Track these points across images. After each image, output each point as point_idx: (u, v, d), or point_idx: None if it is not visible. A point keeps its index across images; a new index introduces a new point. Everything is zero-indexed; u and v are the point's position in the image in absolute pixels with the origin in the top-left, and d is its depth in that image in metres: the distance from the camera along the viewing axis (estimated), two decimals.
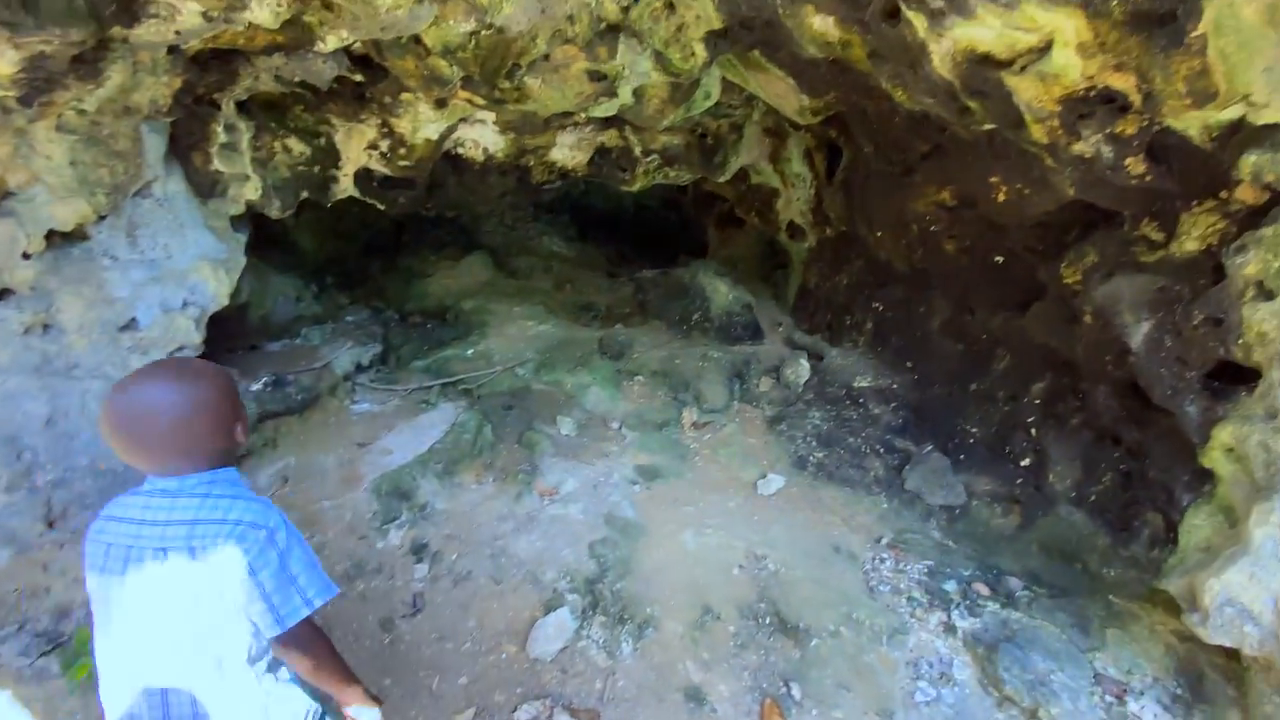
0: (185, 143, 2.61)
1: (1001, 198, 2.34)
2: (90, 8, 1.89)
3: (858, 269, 3.57)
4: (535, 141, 3.88)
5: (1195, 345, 1.56)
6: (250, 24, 2.19)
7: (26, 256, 2.25)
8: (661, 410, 3.42)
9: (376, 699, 1.15)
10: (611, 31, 2.75)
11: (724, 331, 4.13)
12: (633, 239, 7.18)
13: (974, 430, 2.66)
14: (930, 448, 2.63)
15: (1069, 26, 1.54)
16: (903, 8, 1.90)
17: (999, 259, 2.67)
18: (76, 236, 2.41)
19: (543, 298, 5.10)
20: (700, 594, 2.12)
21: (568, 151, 4.15)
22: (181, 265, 2.53)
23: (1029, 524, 2.28)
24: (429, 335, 4.42)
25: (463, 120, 3.52)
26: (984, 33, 1.78)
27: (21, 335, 2.20)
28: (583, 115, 3.59)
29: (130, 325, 2.38)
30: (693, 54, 2.75)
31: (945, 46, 1.93)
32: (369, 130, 3.26)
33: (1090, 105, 1.70)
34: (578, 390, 3.69)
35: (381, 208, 3.70)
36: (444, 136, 3.47)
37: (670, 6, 2.52)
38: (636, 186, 4.42)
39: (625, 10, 2.52)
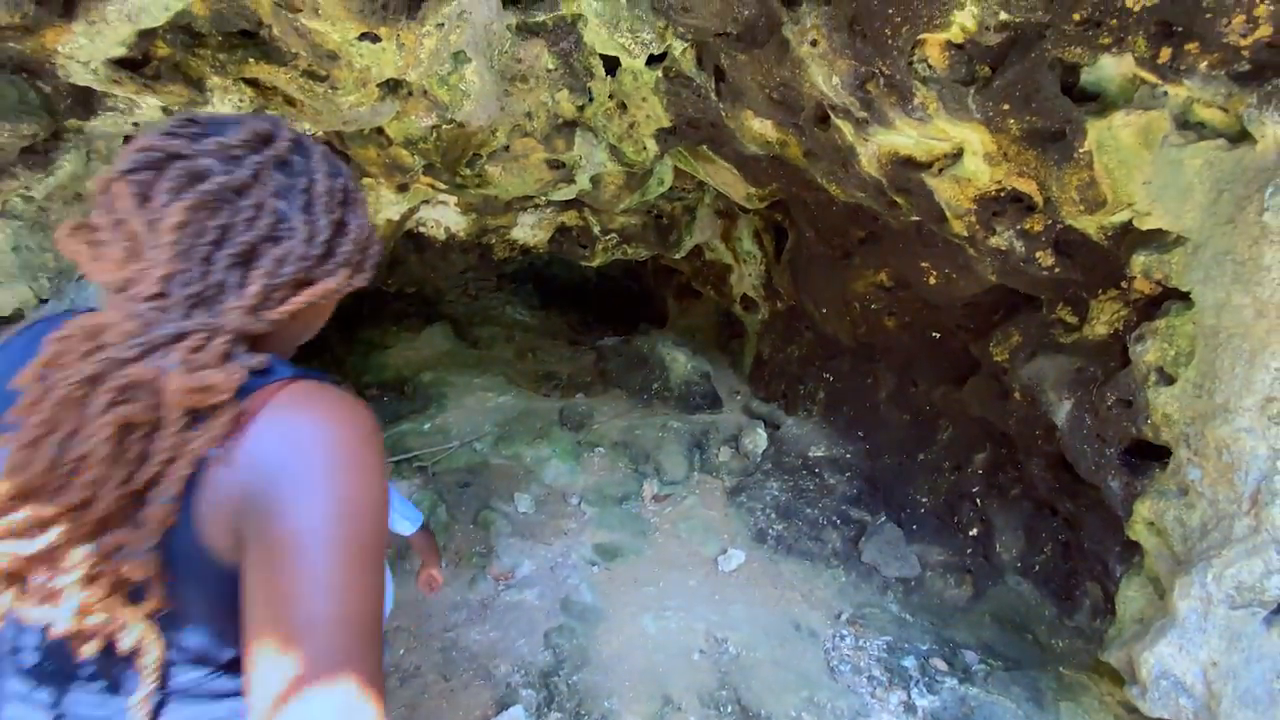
0: None
1: (932, 281, 2.50)
2: (44, 101, 1.92)
3: (808, 341, 3.71)
4: (497, 221, 4.00)
5: (1111, 424, 1.67)
6: None
7: None
8: (622, 483, 3.41)
9: None
10: (568, 126, 2.91)
11: (683, 400, 4.19)
12: (595, 307, 7.31)
13: (924, 500, 2.73)
14: (884, 518, 2.68)
15: (975, 139, 1.72)
16: (831, 115, 2.09)
17: (936, 335, 2.82)
18: (13, 319, 2.34)
19: (503, 367, 5.11)
20: (660, 683, 2.07)
21: (529, 230, 4.28)
22: None
23: (980, 594, 2.32)
24: (385, 409, 4.35)
25: (424, 202, 3.61)
26: (904, 140, 1.96)
27: None
28: (543, 198, 3.73)
29: None
30: (644, 148, 2.92)
31: (871, 150, 2.11)
32: None
33: (1001, 204, 1.88)
34: (537, 464, 3.66)
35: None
36: (405, 217, 3.54)
37: (622, 106, 2.69)
38: (596, 262, 4.55)
39: (580, 109, 2.68)
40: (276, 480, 0.57)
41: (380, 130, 2.71)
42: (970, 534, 2.51)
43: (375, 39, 1.97)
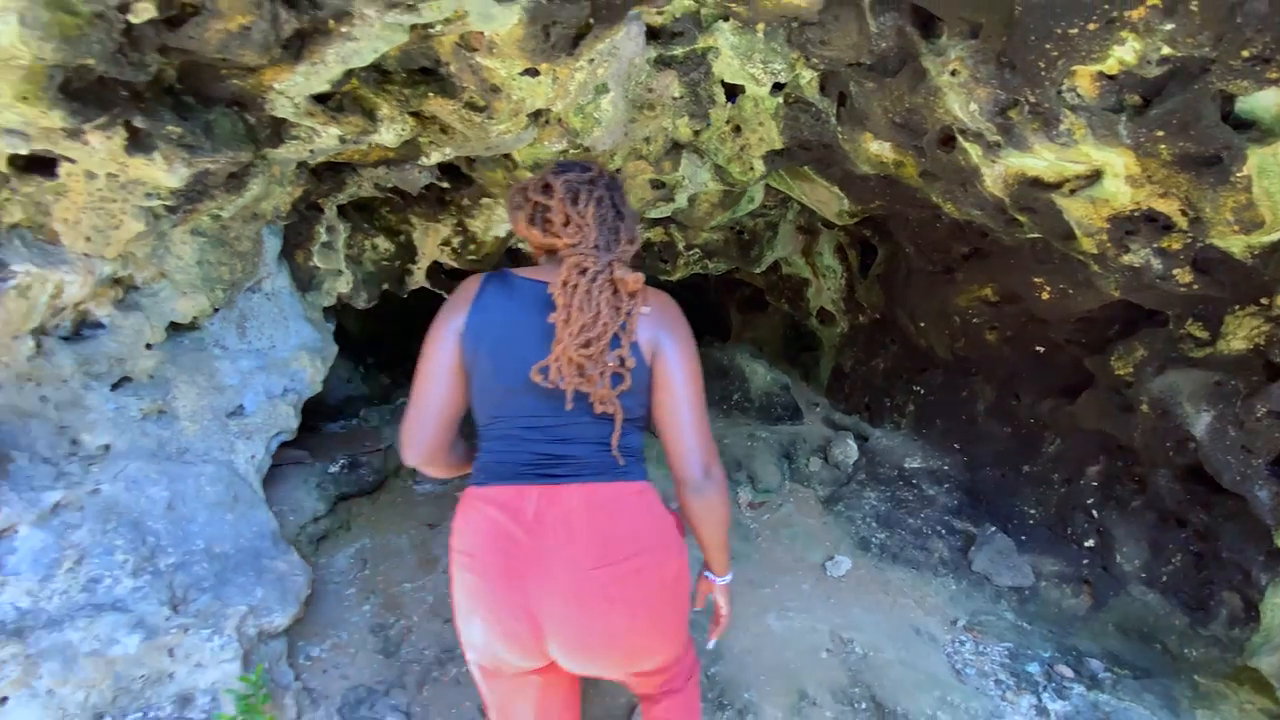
0: (292, 242, 2.84)
1: (1045, 296, 2.57)
2: (249, 132, 2.15)
3: (894, 354, 3.79)
4: None
5: (1260, 435, 1.73)
6: (372, 143, 2.47)
7: (149, 347, 2.41)
8: None
9: None
10: (677, 149, 3.07)
11: (764, 411, 4.29)
12: None
13: (1032, 512, 2.78)
14: (993, 529, 2.73)
15: (1119, 162, 1.81)
16: (959, 139, 2.20)
17: (1041, 349, 2.88)
18: (190, 327, 2.58)
19: None
20: (793, 678, 2.16)
21: None
22: (284, 355, 2.69)
23: (1101, 604, 2.36)
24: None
25: None
26: (1037, 162, 2.06)
27: (139, 421, 2.32)
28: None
29: (237, 411, 2.52)
30: (751, 168, 3.07)
31: (997, 171, 2.21)
32: (444, 229, 3.53)
33: (1136, 224, 1.95)
34: None
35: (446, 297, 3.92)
36: (511, 234, 3.75)
37: (737, 130, 2.85)
38: (676, 276, 4.71)
39: (696, 134, 2.84)
40: (670, 327, 1.25)
41: (508, 155, 2.91)
42: (1086, 545, 2.54)
43: (535, 73, 2.15)
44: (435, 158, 2.75)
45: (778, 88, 2.53)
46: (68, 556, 1.83)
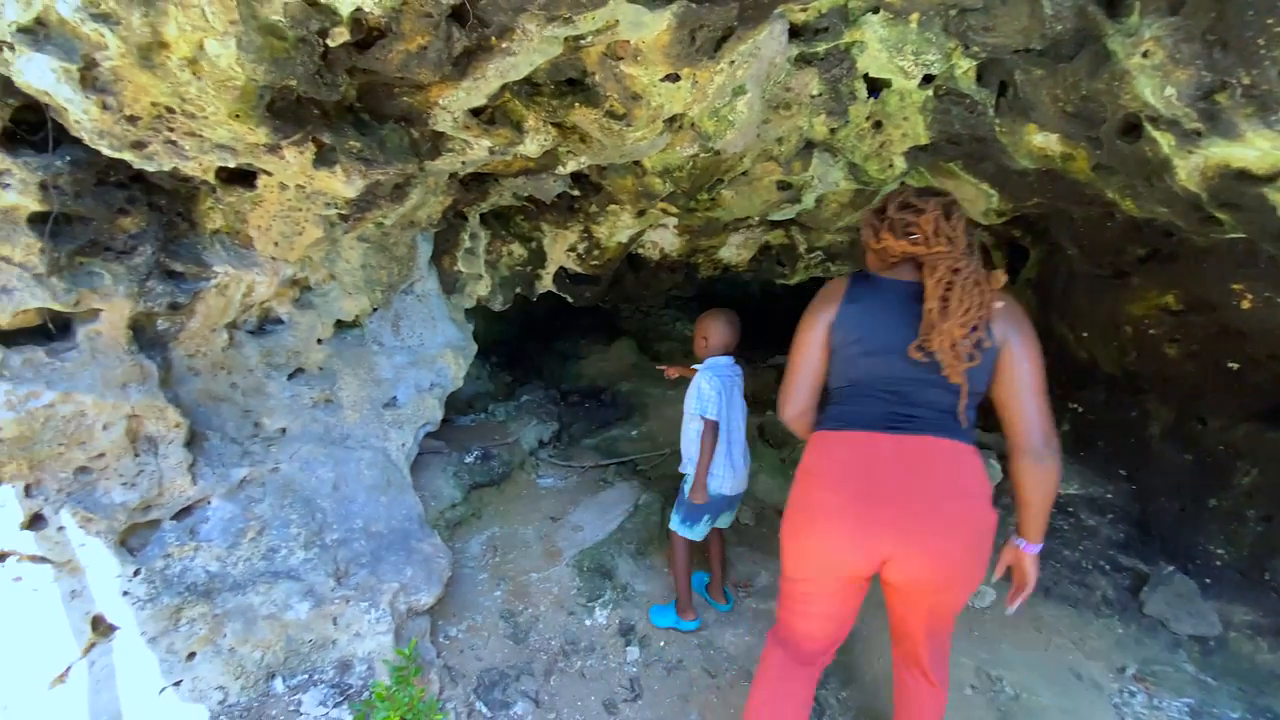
0: (440, 248, 3.05)
1: (1246, 305, 2.24)
2: (414, 146, 2.33)
3: (1047, 366, 3.45)
4: (709, 243, 4.17)
5: None
6: (516, 154, 2.60)
7: (320, 342, 2.68)
8: None
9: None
10: (809, 147, 2.98)
11: None
12: (756, 324, 7.33)
13: (1219, 551, 2.43)
14: (1170, 568, 2.41)
15: None
16: (1147, 127, 1.96)
17: (1234, 365, 2.51)
18: (353, 325, 2.84)
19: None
20: None
21: (734, 250, 4.40)
22: (431, 351, 2.89)
23: None
24: (593, 415, 4.67)
25: (650, 225, 3.87)
26: (1246, 152, 1.79)
27: (310, 408, 2.58)
28: (758, 218, 3.84)
29: (391, 403, 2.73)
30: (890, 165, 2.91)
31: (1194, 163, 1.95)
32: (571, 235, 3.65)
33: None
34: None
35: (570, 301, 4.05)
36: (633, 240, 3.81)
37: (878, 125, 2.71)
38: (795, 280, 4.58)
39: (833, 131, 2.74)
40: (1018, 320, 1.50)
41: (638, 161, 2.95)
42: None
43: (676, 78, 2.16)
44: (571, 166, 2.84)
45: (928, 80, 2.38)
46: (251, 527, 2.06)
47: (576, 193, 3.30)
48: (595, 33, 1.89)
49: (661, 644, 2.38)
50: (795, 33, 2.27)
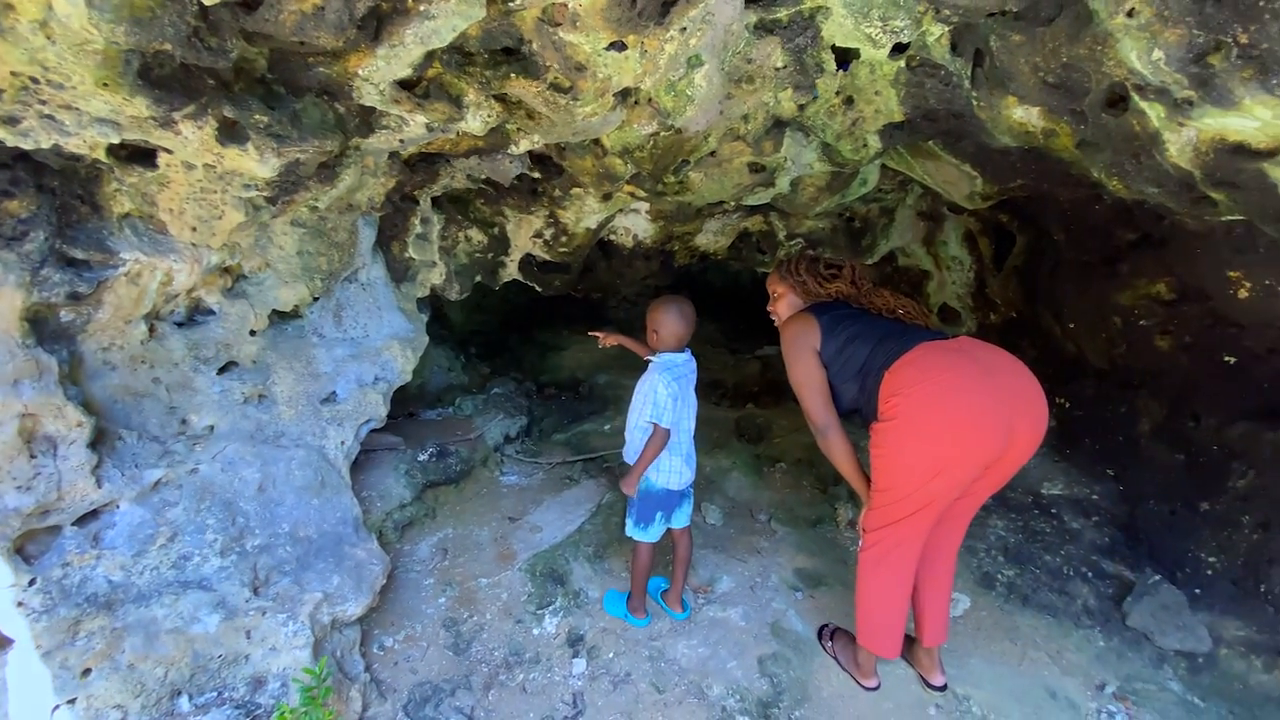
0: (387, 234, 2.89)
1: (1243, 294, 2.06)
2: (338, 121, 2.16)
3: (1033, 359, 3.26)
4: (683, 229, 3.98)
5: None
6: (460, 131, 2.42)
7: (253, 333, 2.52)
8: (811, 504, 3.22)
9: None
10: (779, 126, 2.79)
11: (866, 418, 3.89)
12: (746, 314, 7.16)
13: (1211, 559, 2.26)
14: (1157, 577, 2.25)
15: None
16: (1134, 97, 1.77)
17: (1230, 359, 2.33)
18: (292, 315, 2.68)
19: None
20: None
21: (711, 237, 4.22)
22: (376, 344, 2.73)
23: None
24: (566, 408, 4.51)
25: (619, 210, 3.69)
26: (1244, 123, 1.61)
27: (240, 404, 2.42)
28: (733, 204, 3.66)
29: (330, 398, 2.58)
30: (865, 145, 2.73)
31: (1187, 136, 1.76)
32: (536, 221, 3.47)
33: None
34: (717, 475, 3.58)
35: (539, 289, 3.89)
36: (601, 225, 3.63)
37: (849, 101, 2.52)
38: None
39: (801, 108, 2.55)
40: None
41: (597, 141, 2.77)
42: None
43: (621, 47, 1.98)
44: (524, 145, 2.66)
45: (899, 49, 2.19)
46: (162, 533, 1.92)
47: (537, 175, 3.12)
48: None
49: (610, 655, 2.24)
50: None
